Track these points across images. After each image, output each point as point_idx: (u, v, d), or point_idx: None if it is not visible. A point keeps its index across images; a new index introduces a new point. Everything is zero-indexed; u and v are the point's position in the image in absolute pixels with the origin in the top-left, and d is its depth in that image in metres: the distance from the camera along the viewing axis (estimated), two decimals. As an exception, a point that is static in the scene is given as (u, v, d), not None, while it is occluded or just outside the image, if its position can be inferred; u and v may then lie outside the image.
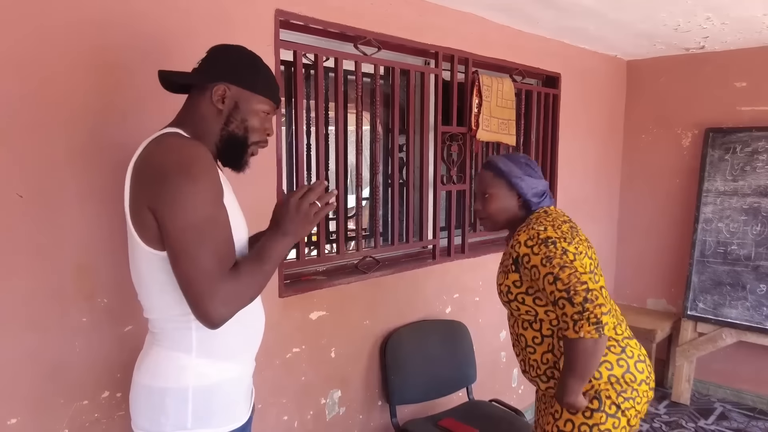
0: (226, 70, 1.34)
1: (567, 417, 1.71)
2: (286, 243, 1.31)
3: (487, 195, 1.86)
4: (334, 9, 2.23)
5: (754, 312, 3.56)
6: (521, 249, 1.71)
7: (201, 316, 1.21)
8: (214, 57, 1.37)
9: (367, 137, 2.64)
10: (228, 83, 1.32)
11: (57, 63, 1.55)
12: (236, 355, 1.39)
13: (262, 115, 1.38)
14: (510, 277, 1.76)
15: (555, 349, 1.73)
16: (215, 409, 1.34)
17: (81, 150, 1.61)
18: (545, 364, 1.75)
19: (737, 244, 3.66)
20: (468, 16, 2.83)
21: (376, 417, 2.62)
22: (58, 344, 1.62)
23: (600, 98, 4.00)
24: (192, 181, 1.19)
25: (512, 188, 1.84)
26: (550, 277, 1.61)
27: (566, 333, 1.57)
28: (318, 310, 2.33)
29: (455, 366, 2.82)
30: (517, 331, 1.83)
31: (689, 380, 3.84)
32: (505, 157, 1.89)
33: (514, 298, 1.77)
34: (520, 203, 1.85)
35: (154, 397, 1.32)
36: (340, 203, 2.38)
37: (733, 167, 3.73)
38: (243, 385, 1.44)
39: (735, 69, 3.77)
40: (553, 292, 1.60)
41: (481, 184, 1.89)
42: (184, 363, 1.31)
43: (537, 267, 1.65)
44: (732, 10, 2.81)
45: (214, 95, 1.32)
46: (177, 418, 1.30)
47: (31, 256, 1.55)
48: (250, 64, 1.36)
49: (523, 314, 1.77)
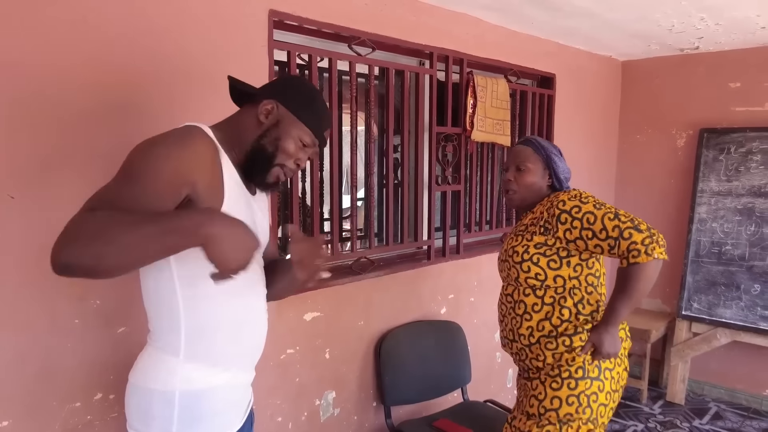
0: (282, 90, 1.38)
1: (553, 394, 1.78)
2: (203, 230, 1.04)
3: (524, 168, 1.92)
4: (328, 9, 2.23)
5: (748, 312, 3.57)
6: (567, 204, 1.77)
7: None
8: (278, 79, 1.47)
9: (361, 138, 2.63)
10: (278, 102, 1.35)
11: (51, 63, 1.54)
12: (227, 361, 1.36)
13: (298, 143, 1.36)
14: (534, 239, 1.82)
15: (553, 317, 1.80)
16: (202, 415, 1.31)
17: (73, 150, 1.60)
18: (540, 332, 1.82)
19: (731, 244, 3.68)
20: (462, 17, 2.83)
21: (370, 418, 2.62)
22: (51, 346, 1.61)
23: (595, 98, 4.01)
24: (159, 144, 1.18)
25: (547, 167, 1.93)
26: (609, 214, 1.72)
27: (638, 259, 1.67)
28: (312, 311, 2.32)
29: (450, 367, 2.82)
30: (515, 298, 1.88)
31: (684, 380, 3.85)
32: (541, 139, 1.98)
33: (528, 259, 1.81)
34: (549, 183, 1.94)
35: (142, 397, 1.31)
36: (335, 204, 2.38)
37: (727, 167, 3.74)
38: (235, 393, 1.40)
39: (729, 70, 3.78)
40: (617, 225, 1.69)
41: (518, 157, 1.95)
42: (171, 366, 1.29)
43: (591, 212, 1.73)
44: (726, 11, 2.82)
45: (261, 108, 1.33)
46: (163, 422, 1.28)
47: (23, 257, 1.54)
48: (306, 94, 1.39)
49: (531, 278, 1.82)
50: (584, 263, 1.82)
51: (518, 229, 1.93)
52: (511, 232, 1.99)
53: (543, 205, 1.88)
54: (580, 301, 1.82)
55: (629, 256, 1.69)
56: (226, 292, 1.25)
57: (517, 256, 1.85)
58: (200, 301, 1.29)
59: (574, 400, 1.76)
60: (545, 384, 1.81)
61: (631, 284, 1.72)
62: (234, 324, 1.35)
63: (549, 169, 1.93)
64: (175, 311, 1.27)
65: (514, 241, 1.89)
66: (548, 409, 1.78)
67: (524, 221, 1.93)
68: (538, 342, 1.82)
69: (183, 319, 1.28)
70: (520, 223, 1.95)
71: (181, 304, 1.27)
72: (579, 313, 1.81)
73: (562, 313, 1.80)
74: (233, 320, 1.35)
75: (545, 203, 1.87)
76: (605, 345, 1.76)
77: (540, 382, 1.83)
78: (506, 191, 1.98)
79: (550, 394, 1.78)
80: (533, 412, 1.81)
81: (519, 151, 1.96)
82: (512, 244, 1.89)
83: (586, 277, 1.83)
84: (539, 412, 1.79)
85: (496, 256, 3.17)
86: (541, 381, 1.83)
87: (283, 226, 2.42)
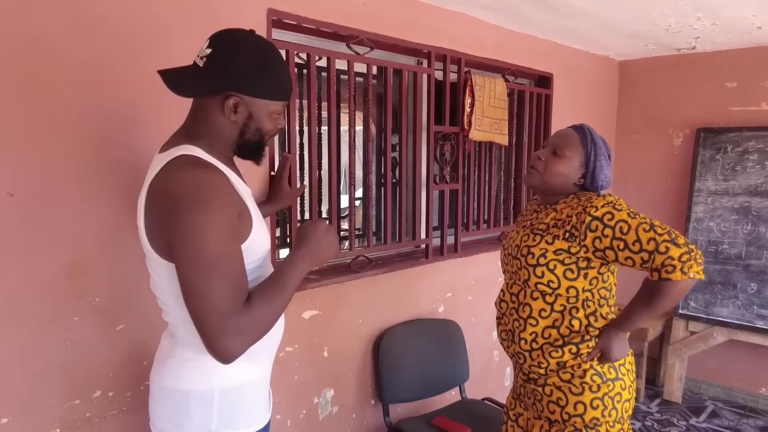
0: (237, 79, 1.25)
1: (576, 400, 1.68)
2: (307, 266, 1.32)
3: (560, 154, 1.74)
4: (326, 8, 2.23)
5: (744, 311, 3.59)
6: (599, 211, 1.61)
7: (212, 353, 1.17)
8: (221, 61, 1.24)
9: (359, 137, 2.64)
10: (240, 93, 1.25)
11: (49, 62, 1.55)
12: (259, 356, 1.39)
13: (275, 116, 1.33)
14: (556, 243, 1.66)
15: (562, 326, 1.69)
16: (239, 411, 1.35)
17: (74, 148, 1.61)
18: (545, 339, 1.70)
19: (728, 243, 3.69)
20: (460, 16, 2.84)
21: (369, 416, 2.63)
22: (50, 343, 1.61)
23: (592, 98, 4.02)
24: (206, 212, 1.15)
25: (584, 165, 1.74)
26: (645, 225, 1.57)
27: (671, 275, 1.52)
28: (311, 309, 2.33)
29: (448, 365, 2.83)
30: (520, 300, 1.74)
31: (681, 379, 3.86)
32: (599, 135, 1.79)
33: (544, 264, 1.67)
34: (580, 182, 1.76)
35: (178, 399, 1.32)
36: (334, 203, 2.39)
37: (724, 167, 3.75)
38: (264, 386, 1.45)
39: (726, 69, 3.80)
40: (653, 238, 1.54)
41: (560, 139, 1.77)
42: (209, 366, 1.30)
43: (625, 220, 1.58)
44: (722, 11, 2.83)
45: (227, 107, 1.26)
46: (201, 421, 1.31)
47: (23, 255, 1.55)
48: (261, 68, 1.26)
49: (542, 283, 1.68)
50: (600, 276, 1.70)
51: (536, 225, 1.75)
52: (521, 222, 1.85)
53: (571, 206, 1.70)
54: (593, 313, 1.70)
55: (662, 270, 1.54)
56: None
57: (532, 258, 1.69)
58: None
59: (598, 403, 1.67)
60: (564, 390, 1.71)
61: (658, 299, 1.59)
62: None
63: (586, 168, 1.74)
64: None
65: (530, 240, 1.72)
66: (572, 414, 1.68)
67: (544, 219, 1.74)
68: (541, 349, 1.71)
69: None
70: (537, 218, 1.78)
71: None
72: (590, 325, 1.70)
73: (572, 323, 1.68)
74: None
75: (574, 205, 1.69)
76: (614, 351, 1.67)
77: (555, 388, 1.72)
78: (530, 167, 1.79)
79: (572, 400, 1.68)
80: (556, 419, 1.71)
81: (564, 135, 1.78)
82: (527, 242, 1.72)
83: (599, 290, 1.72)
84: (563, 418, 1.70)
85: (493, 254, 3.19)
86: (556, 387, 1.72)
87: (281, 216, 2.43)
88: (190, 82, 1.28)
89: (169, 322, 1.38)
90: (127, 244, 1.70)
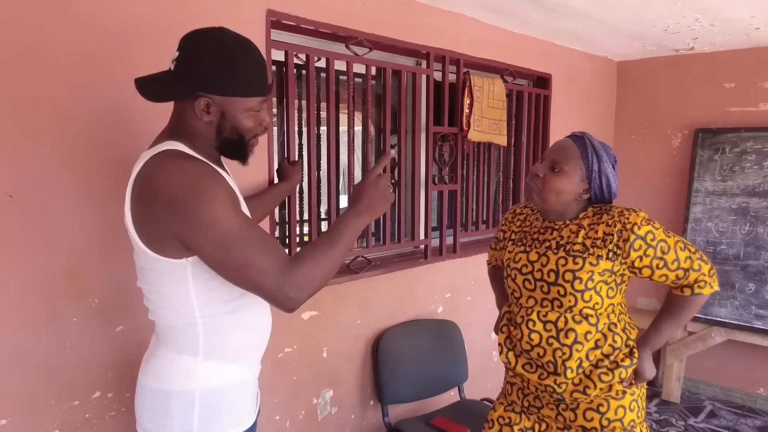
0: (203, 79, 1.24)
1: (617, 404, 1.65)
2: (362, 222, 1.34)
3: (557, 170, 1.62)
4: (325, 9, 2.23)
5: (743, 311, 3.59)
6: (642, 230, 1.57)
7: (280, 307, 1.23)
8: (188, 63, 1.25)
9: (358, 138, 2.64)
10: (209, 94, 1.25)
11: (48, 63, 1.55)
12: (242, 357, 1.39)
13: (253, 113, 1.31)
14: (600, 264, 1.59)
15: (605, 345, 1.63)
16: (221, 412, 1.34)
17: (72, 150, 1.61)
18: (589, 362, 1.63)
19: (726, 243, 3.70)
20: (459, 17, 2.84)
21: (368, 416, 2.63)
22: (49, 344, 1.61)
23: (590, 99, 4.02)
24: (208, 198, 1.17)
25: (587, 178, 1.63)
26: (680, 243, 1.62)
27: (703, 290, 1.63)
28: (310, 310, 2.33)
29: (447, 365, 2.83)
30: (560, 326, 1.63)
31: (679, 379, 3.87)
32: (600, 143, 1.67)
33: (592, 288, 1.59)
34: (581, 196, 1.66)
35: (159, 399, 1.32)
36: (333, 203, 2.39)
37: (722, 167, 3.76)
38: (249, 388, 1.43)
39: (724, 70, 3.80)
40: (689, 256, 1.62)
41: (558, 154, 1.64)
42: (190, 366, 1.31)
43: (665, 240, 1.60)
44: (720, 12, 2.84)
45: (198, 109, 1.26)
46: (183, 422, 1.30)
47: (22, 256, 1.55)
48: (227, 66, 1.24)
49: (589, 307, 1.61)
50: (624, 286, 1.69)
51: (568, 247, 1.63)
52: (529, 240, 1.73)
53: (605, 223, 1.62)
54: (625, 327, 1.68)
55: (695, 286, 1.62)
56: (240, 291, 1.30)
57: (579, 284, 1.58)
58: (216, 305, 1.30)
59: (635, 405, 1.68)
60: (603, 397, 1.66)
61: (686, 312, 1.67)
62: (247, 320, 1.37)
63: (589, 182, 1.63)
64: (192, 318, 1.28)
65: (570, 264, 1.60)
66: (612, 420, 1.65)
67: (574, 238, 1.64)
68: (585, 374, 1.64)
69: (200, 324, 1.29)
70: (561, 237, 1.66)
71: (198, 311, 1.29)
72: (628, 338, 1.67)
73: (615, 340, 1.64)
74: (247, 316, 1.37)
75: (609, 222, 1.61)
76: (647, 371, 1.67)
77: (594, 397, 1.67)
78: (529, 183, 1.69)
79: (614, 405, 1.65)
80: (593, 426, 1.66)
81: (563, 148, 1.65)
82: (569, 266, 1.60)
83: (622, 302, 1.71)
84: (602, 424, 1.66)
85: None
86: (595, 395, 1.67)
87: (280, 213, 2.43)
88: (161, 87, 1.29)
89: (155, 321, 1.37)
90: (127, 245, 1.69)
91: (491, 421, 1.86)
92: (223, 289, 1.29)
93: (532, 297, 1.68)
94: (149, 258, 1.26)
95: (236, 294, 1.31)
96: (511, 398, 1.83)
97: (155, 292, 1.32)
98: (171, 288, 1.28)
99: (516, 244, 1.76)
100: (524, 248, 1.72)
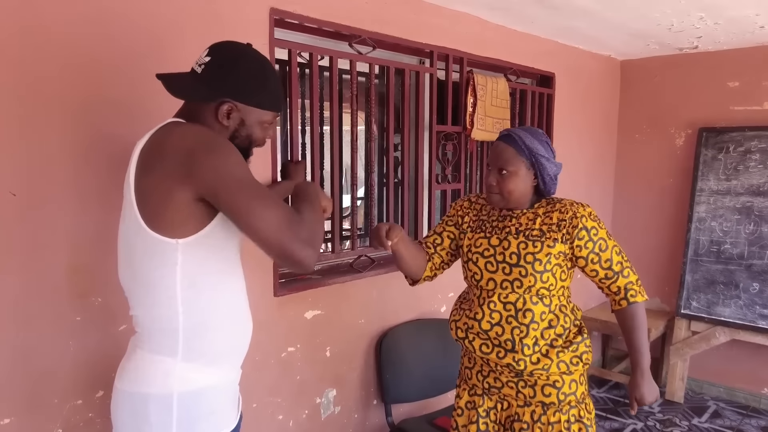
0: (235, 87, 1.32)
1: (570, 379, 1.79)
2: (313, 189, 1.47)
3: (505, 172, 1.74)
4: (329, 7, 2.23)
5: (747, 310, 3.58)
6: (589, 222, 1.75)
7: (294, 263, 1.23)
8: (221, 68, 1.31)
9: (362, 136, 2.64)
10: (235, 101, 1.32)
11: (51, 60, 1.55)
12: (223, 359, 1.36)
13: (265, 126, 1.41)
14: (557, 247, 1.73)
15: (558, 326, 1.77)
16: (201, 415, 1.30)
17: (75, 148, 1.61)
18: (544, 340, 1.75)
19: (730, 243, 3.68)
20: (463, 16, 2.84)
21: (371, 416, 2.62)
22: (52, 343, 1.61)
23: (594, 98, 4.01)
24: (224, 150, 1.23)
25: (532, 168, 1.75)
26: (617, 248, 1.78)
27: (636, 298, 1.77)
28: (313, 309, 2.33)
29: (450, 365, 2.82)
30: (519, 307, 1.74)
31: (683, 378, 3.86)
32: (527, 132, 1.77)
33: (550, 269, 1.73)
34: (534, 185, 1.78)
35: (136, 404, 1.28)
36: (336, 202, 2.38)
37: (726, 166, 3.75)
38: (230, 390, 1.40)
39: (728, 69, 3.79)
40: (620, 262, 1.77)
41: (499, 159, 1.75)
42: (168, 367, 1.28)
43: (605, 239, 1.77)
44: (725, 11, 2.83)
45: (221, 113, 1.31)
46: (161, 426, 1.27)
47: (25, 255, 1.54)
48: (258, 79, 1.34)
49: (544, 287, 1.74)
50: (572, 272, 1.84)
51: (527, 232, 1.76)
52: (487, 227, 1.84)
53: (559, 210, 1.77)
54: (573, 309, 1.85)
55: (627, 295, 1.77)
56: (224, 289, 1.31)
57: (539, 265, 1.71)
58: (200, 300, 1.29)
59: (582, 379, 1.82)
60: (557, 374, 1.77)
61: (640, 321, 1.78)
62: (229, 321, 1.36)
63: (534, 170, 1.76)
64: (174, 312, 1.27)
65: (530, 247, 1.73)
66: (568, 394, 1.78)
67: (532, 225, 1.77)
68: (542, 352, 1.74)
69: (182, 319, 1.27)
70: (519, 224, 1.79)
71: (181, 304, 1.27)
72: (576, 318, 1.83)
73: (565, 321, 1.78)
74: (229, 318, 1.36)
75: (562, 209, 1.77)
76: (646, 396, 1.79)
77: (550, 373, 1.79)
78: (489, 194, 1.81)
79: (567, 380, 1.78)
80: (551, 401, 1.77)
81: (499, 152, 1.76)
82: (529, 249, 1.73)
83: (569, 286, 1.86)
84: (559, 399, 1.77)
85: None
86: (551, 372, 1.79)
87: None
88: (187, 86, 1.35)
89: (135, 318, 1.34)
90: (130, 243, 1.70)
91: (459, 409, 1.95)
92: (209, 285, 1.29)
93: (492, 279, 1.80)
94: (143, 236, 1.23)
95: (221, 293, 1.32)
96: (472, 382, 1.92)
97: (141, 280, 1.29)
98: (158, 273, 1.25)
99: (475, 231, 1.88)
100: (484, 234, 1.85)
